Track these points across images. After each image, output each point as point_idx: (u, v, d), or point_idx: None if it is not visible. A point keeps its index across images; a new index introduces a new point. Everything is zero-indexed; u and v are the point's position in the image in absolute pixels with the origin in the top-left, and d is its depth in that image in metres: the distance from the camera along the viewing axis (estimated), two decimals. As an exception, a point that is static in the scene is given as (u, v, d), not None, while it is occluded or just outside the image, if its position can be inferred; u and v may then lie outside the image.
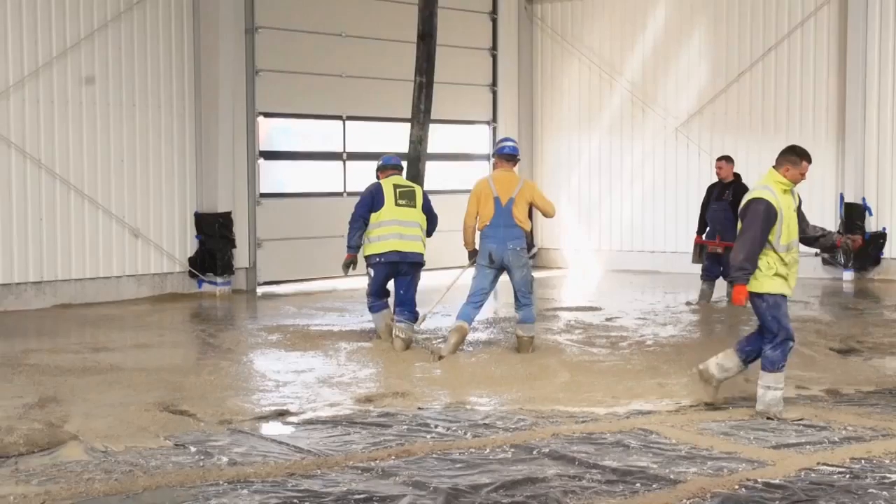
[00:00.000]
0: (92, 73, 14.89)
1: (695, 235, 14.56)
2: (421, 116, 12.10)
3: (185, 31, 15.90)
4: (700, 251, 14.40)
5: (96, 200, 14.97)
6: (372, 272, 11.17)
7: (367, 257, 11.18)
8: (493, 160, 11.57)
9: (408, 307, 11.05)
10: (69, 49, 14.64)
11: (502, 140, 11.36)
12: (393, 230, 10.99)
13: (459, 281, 12.25)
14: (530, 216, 10.98)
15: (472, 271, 11.09)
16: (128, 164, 15.35)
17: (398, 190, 11.15)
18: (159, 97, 15.65)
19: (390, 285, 11.33)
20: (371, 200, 11.08)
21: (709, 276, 14.35)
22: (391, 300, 11.40)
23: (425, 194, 11.44)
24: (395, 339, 10.94)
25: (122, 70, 15.23)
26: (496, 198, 10.72)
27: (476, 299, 10.79)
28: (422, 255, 11.21)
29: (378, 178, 11.37)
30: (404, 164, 12.00)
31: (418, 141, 12.17)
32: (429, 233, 11.44)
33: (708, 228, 14.36)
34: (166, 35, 15.70)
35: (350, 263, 11.28)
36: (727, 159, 14.52)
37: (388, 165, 11.43)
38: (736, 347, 8.55)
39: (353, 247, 11.19)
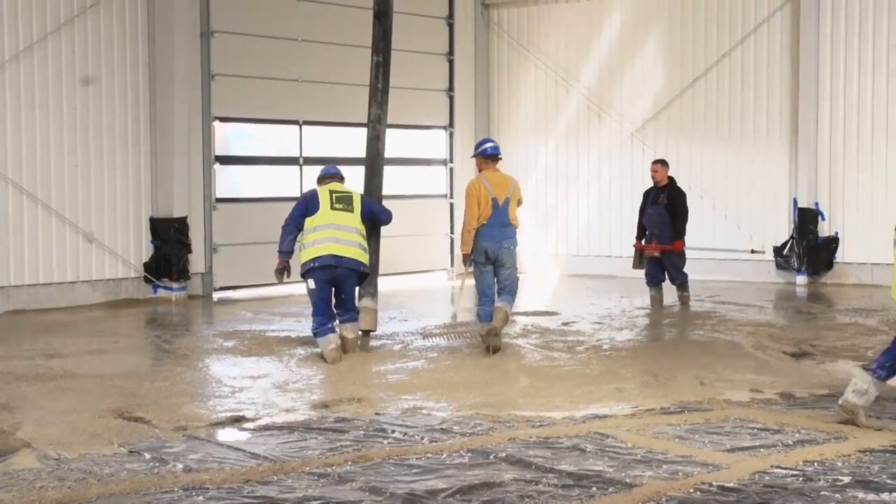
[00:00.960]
0: (45, 76, 14.77)
1: (634, 241, 14.66)
2: (379, 95, 11.98)
3: (139, 34, 15.79)
4: (640, 257, 14.48)
5: (50, 205, 14.83)
6: (312, 284, 10.68)
7: (302, 265, 10.74)
8: (475, 161, 11.69)
9: (348, 308, 10.87)
10: (22, 52, 14.51)
11: (483, 141, 11.76)
12: (328, 234, 10.69)
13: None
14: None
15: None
16: (82, 168, 15.23)
17: (334, 195, 10.86)
18: (114, 101, 15.53)
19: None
20: (305, 205, 10.86)
21: (654, 281, 14.44)
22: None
23: (363, 198, 11.11)
24: (346, 341, 10.76)
25: (75, 74, 15.11)
26: (494, 199, 11.17)
27: (489, 297, 11.33)
28: (360, 262, 10.77)
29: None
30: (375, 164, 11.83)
31: (377, 120, 12.03)
32: (384, 223, 11.34)
33: (647, 233, 14.45)
34: (121, 39, 15.59)
35: (283, 270, 10.91)
36: (662, 163, 14.60)
37: (326, 175, 11.21)
38: (870, 366, 7.99)
39: (285, 252, 10.86)
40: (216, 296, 16.38)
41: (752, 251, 16.20)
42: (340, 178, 11.28)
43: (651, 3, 19.09)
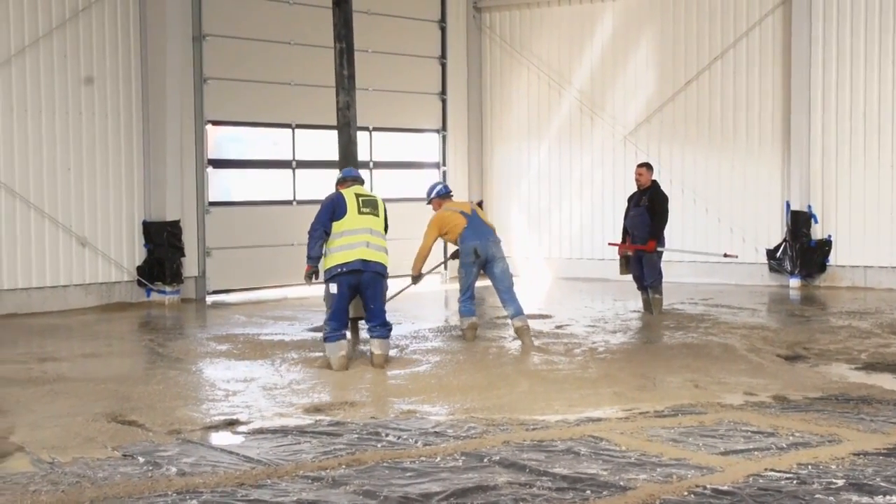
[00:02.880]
0: (37, 79, 14.75)
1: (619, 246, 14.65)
2: (345, 82, 11.97)
3: (131, 38, 15.79)
4: (626, 262, 14.46)
5: (42, 209, 14.81)
6: (333, 289, 10.37)
7: (327, 270, 10.40)
8: (432, 205, 12.35)
9: (379, 320, 10.54)
10: (13, 56, 14.49)
11: (433, 186, 12.55)
12: (361, 238, 10.38)
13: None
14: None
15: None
16: (74, 172, 15.21)
17: (361, 199, 10.57)
18: (106, 105, 15.52)
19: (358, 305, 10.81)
20: (332, 209, 10.43)
21: (643, 286, 14.40)
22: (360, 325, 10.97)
23: (383, 202, 10.96)
24: (374, 357, 10.49)
25: (67, 78, 15.09)
26: (461, 212, 11.96)
27: (470, 293, 11.92)
28: (385, 267, 10.60)
29: (337, 190, 10.84)
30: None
31: (346, 107, 12.01)
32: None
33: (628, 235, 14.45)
34: (112, 43, 15.58)
35: (312, 275, 10.53)
36: (647, 166, 14.57)
37: (348, 177, 10.90)
38: None
39: (314, 258, 10.40)
40: (209, 299, 16.37)
41: (725, 255, 16.19)
42: (361, 182, 11.07)
43: (643, 6, 19.11)
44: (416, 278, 12.36)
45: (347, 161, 11.80)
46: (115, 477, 6.66)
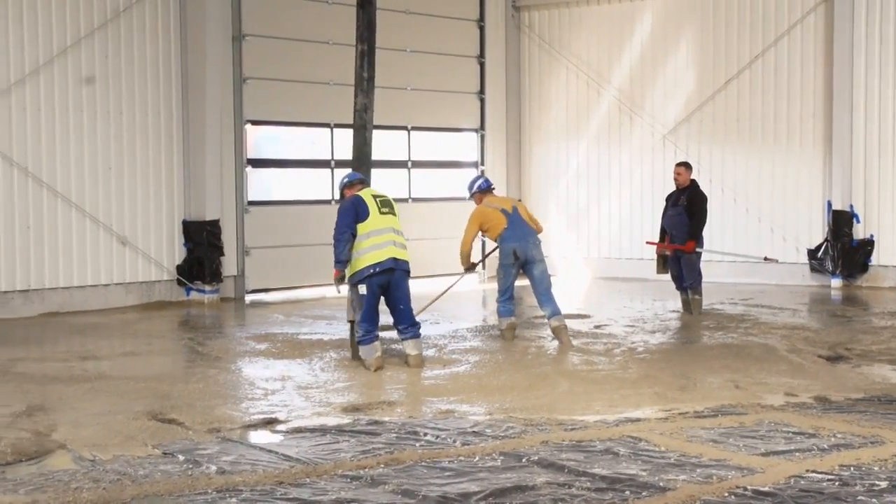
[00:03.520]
0: (80, 79, 14.87)
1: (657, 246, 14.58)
2: (364, 84, 11.97)
3: (172, 38, 15.88)
4: (664, 262, 14.40)
5: (84, 208, 14.93)
6: (363, 290, 10.32)
7: (358, 272, 10.32)
8: (473, 199, 12.33)
9: (409, 320, 10.53)
10: (56, 57, 14.62)
11: (475, 180, 12.51)
12: (388, 238, 10.39)
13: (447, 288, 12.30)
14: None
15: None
16: (115, 171, 15.32)
17: (378, 199, 10.56)
18: (146, 105, 15.62)
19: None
20: (355, 212, 10.35)
21: (682, 286, 14.30)
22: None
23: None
24: (411, 358, 10.47)
25: (109, 77, 15.21)
26: (502, 209, 11.90)
27: (509, 294, 11.93)
28: (409, 264, 10.63)
29: (345, 194, 10.78)
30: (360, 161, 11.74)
31: (363, 109, 12.00)
32: None
33: (666, 234, 14.37)
34: (153, 43, 15.68)
35: (342, 279, 10.50)
36: (686, 165, 14.46)
37: (357, 181, 10.87)
38: None
39: (344, 261, 10.34)
40: (248, 298, 16.43)
41: (766, 258, 16.09)
42: (368, 184, 11.10)
43: (683, 4, 19.01)
44: (469, 269, 12.42)
45: (361, 162, 11.72)
46: (155, 475, 6.70)
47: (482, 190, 12.26)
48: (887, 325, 13.11)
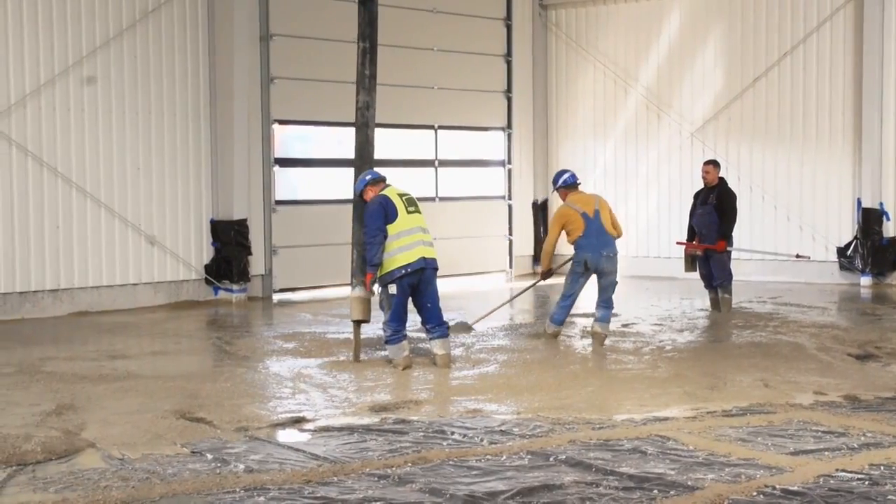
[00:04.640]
0: (97, 78, 14.93)
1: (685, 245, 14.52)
2: (366, 82, 11.97)
3: (200, 38, 15.94)
4: (691, 260, 14.34)
5: (112, 208, 15.01)
6: (393, 290, 10.27)
7: (389, 272, 10.23)
8: (558, 193, 12.28)
9: (437, 319, 10.47)
10: (85, 57, 14.70)
11: (560, 173, 12.29)
12: (418, 238, 10.33)
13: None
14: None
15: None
16: (143, 171, 15.40)
17: (403, 198, 10.53)
18: (174, 105, 15.69)
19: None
20: (384, 213, 10.27)
21: (711, 285, 14.25)
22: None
23: None
24: (438, 358, 10.42)
25: (137, 77, 15.28)
26: (583, 213, 11.66)
27: (570, 301, 11.89)
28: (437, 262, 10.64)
29: (367, 193, 10.72)
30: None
31: (365, 107, 11.99)
32: None
33: (695, 233, 14.32)
34: (181, 43, 15.74)
35: (377, 282, 10.39)
36: (714, 164, 14.44)
37: (379, 179, 10.82)
38: None
39: (377, 264, 10.24)
40: (276, 297, 16.48)
41: (797, 256, 16.03)
42: (386, 181, 10.96)
43: (711, 2, 18.93)
44: (546, 274, 12.34)
45: (363, 160, 11.70)
46: (183, 473, 6.73)
47: (567, 185, 11.98)
48: (918, 323, 13.03)
